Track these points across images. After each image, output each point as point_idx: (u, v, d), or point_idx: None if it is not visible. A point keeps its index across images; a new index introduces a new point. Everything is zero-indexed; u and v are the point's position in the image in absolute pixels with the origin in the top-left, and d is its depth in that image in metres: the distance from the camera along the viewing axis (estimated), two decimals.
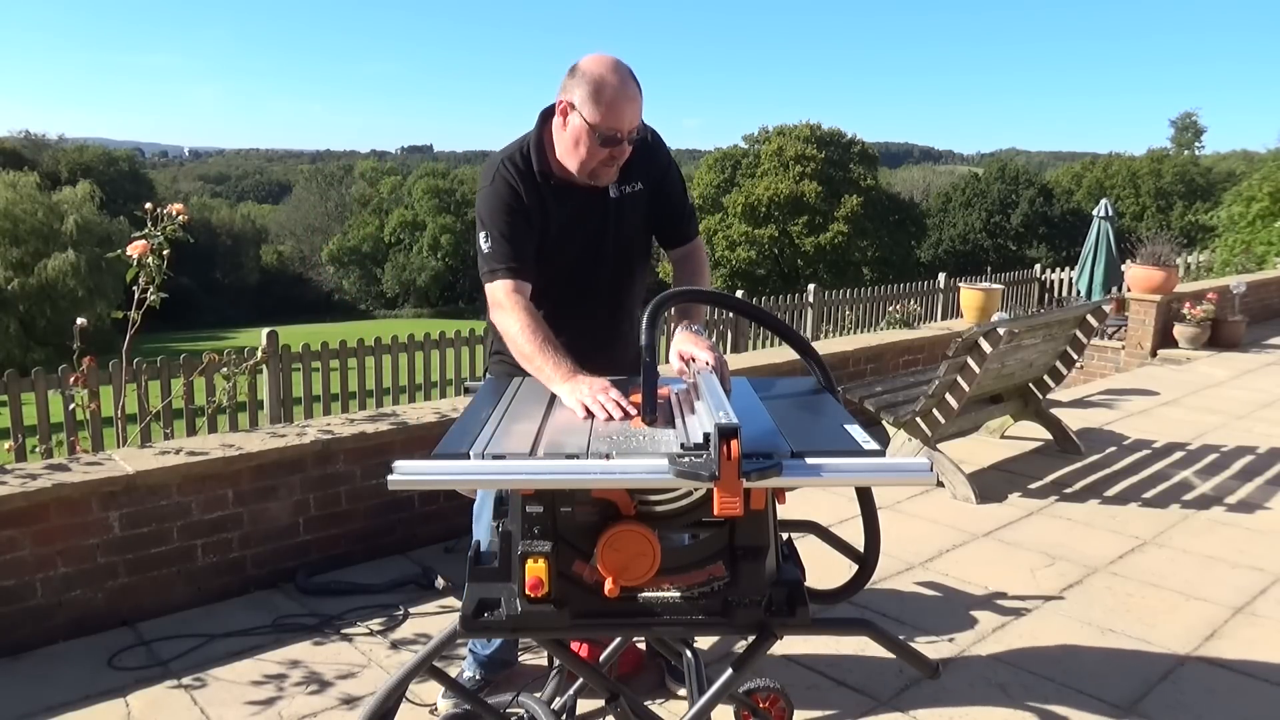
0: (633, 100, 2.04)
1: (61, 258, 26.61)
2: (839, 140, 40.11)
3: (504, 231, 2.13)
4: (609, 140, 2.05)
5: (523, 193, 2.14)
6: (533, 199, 2.15)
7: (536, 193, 2.15)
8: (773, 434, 1.56)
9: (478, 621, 1.55)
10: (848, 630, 2.61)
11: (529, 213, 2.14)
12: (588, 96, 2.02)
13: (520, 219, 2.13)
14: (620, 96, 2.02)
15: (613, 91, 2.01)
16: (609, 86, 2.01)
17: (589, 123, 2.03)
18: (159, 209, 3.67)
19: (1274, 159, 17.06)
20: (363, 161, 77.79)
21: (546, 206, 2.17)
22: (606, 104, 2.01)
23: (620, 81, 2.02)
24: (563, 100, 2.08)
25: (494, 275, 2.11)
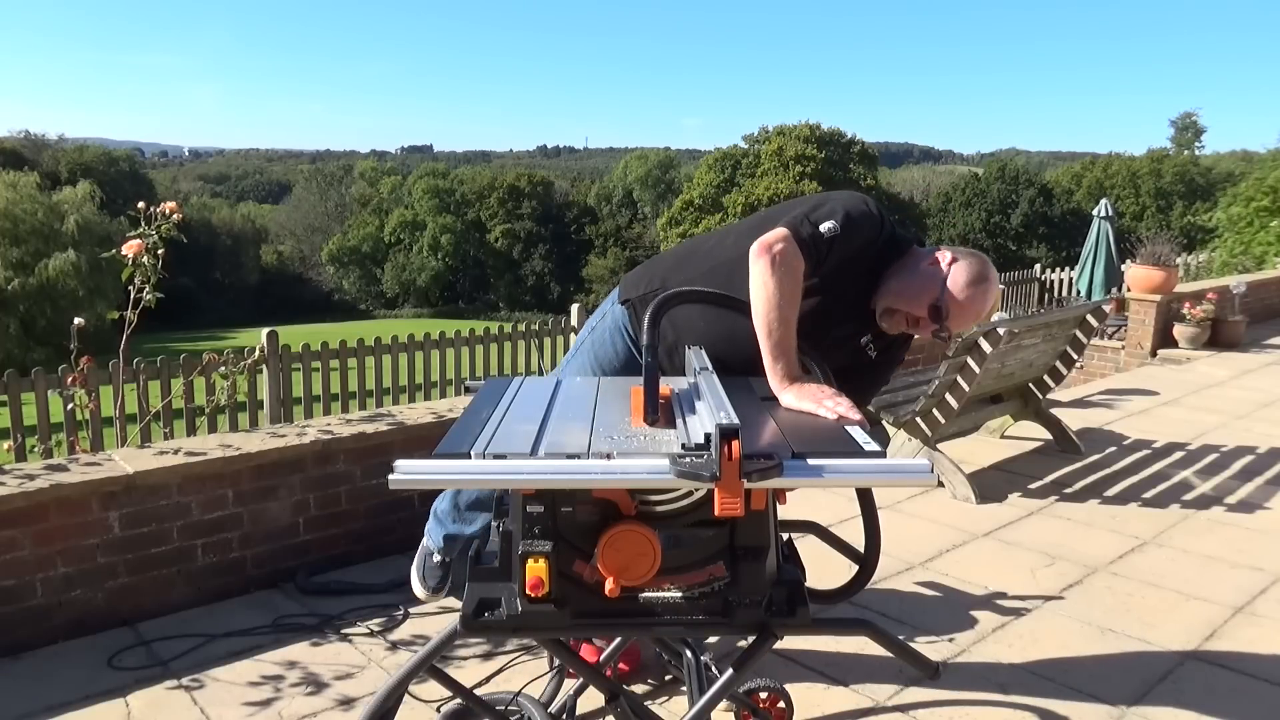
0: (978, 316, 2.04)
1: (62, 258, 26.64)
2: (839, 140, 40.16)
3: (835, 233, 1.97)
4: (937, 313, 2.00)
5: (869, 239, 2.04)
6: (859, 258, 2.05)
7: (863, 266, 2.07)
8: (774, 434, 1.56)
9: (478, 621, 1.55)
10: (848, 630, 2.62)
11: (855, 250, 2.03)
12: (966, 277, 1.99)
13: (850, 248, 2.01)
14: (979, 301, 2.01)
15: (982, 294, 2.00)
16: (985, 294, 2.01)
17: (951, 296, 1.99)
18: (152, 207, 3.64)
19: (1273, 159, 17.07)
20: (363, 161, 77.88)
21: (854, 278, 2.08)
22: (970, 296, 1.99)
23: (989, 292, 2.02)
24: (948, 256, 2.03)
25: (797, 232, 1.93)
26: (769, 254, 1.89)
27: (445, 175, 58.45)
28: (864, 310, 2.11)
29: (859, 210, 2.02)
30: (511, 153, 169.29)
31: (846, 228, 1.97)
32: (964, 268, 2.00)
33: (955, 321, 2.01)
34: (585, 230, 53.14)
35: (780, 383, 1.83)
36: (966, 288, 1.98)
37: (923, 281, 2.02)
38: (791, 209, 2.06)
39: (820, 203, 2.05)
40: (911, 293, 2.02)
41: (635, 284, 2.34)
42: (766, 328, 1.87)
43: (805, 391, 1.78)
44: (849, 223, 1.98)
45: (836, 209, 2.00)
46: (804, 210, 2.01)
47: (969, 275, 1.99)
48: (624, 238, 52.08)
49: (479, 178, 57.49)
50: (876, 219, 2.04)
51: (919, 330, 2.05)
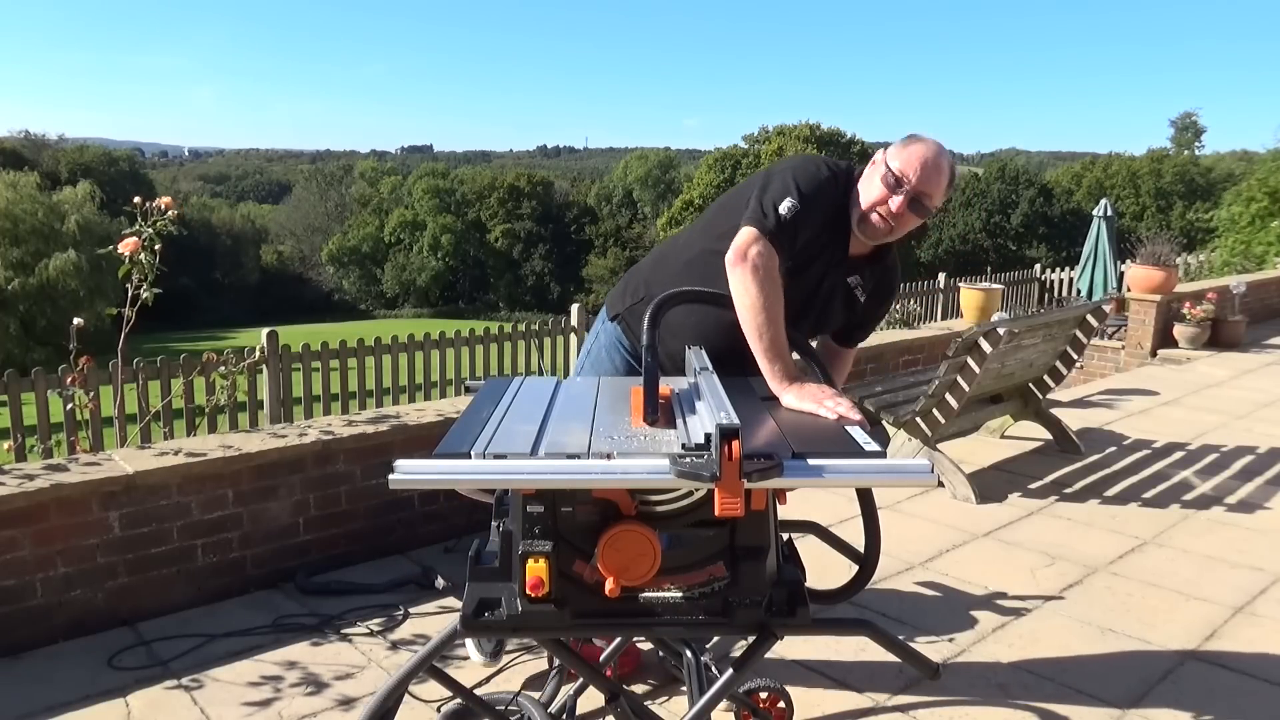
0: (938, 170, 2.08)
1: (62, 258, 26.64)
2: (839, 140, 40.19)
3: (795, 210, 2.02)
4: (894, 183, 2.06)
5: (834, 200, 2.11)
6: (831, 213, 2.12)
7: (833, 206, 2.13)
8: (774, 434, 1.56)
9: (478, 621, 1.55)
10: (848, 630, 2.62)
11: (820, 216, 2.09)
12: (903, 144, 2.10)
13: (815, 216, 2.07)
14: (928, 156, 2.07)
15: (924, 148, 2.08)
16: (923, 144, 2.09)
17: (887, 159, 2.08)
18: (147, 203, 3.61)
19: (1273, 159, 17.06)
20: (363, 161, 77.88)
21: (826, 232, 2.13)
22: (912, 152, 2.07)
23: (937, 150, 2.09)
24: (880, 151, 2.13)
25: (762, 226, 2.00)
26: (745, 262, 1.96)
27: (445, 175, 58.45)
28: (842, 254, 2.16)
29: (810, 176, 2.08)
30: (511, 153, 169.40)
31: (805, 199, 2.03)
32: (896, 144, 2.11)
33: (914, 179, 2.05)
34: (585, 230, 53.15)
35: (780, 384, 1.86)
36: (902, 148, 2.08)
37: (869, 177, 2.11)
38: (744, 196, 2.11)
39: (768, 180, 2.09)
40: (866, 192, 2.10)
41: (620, 298, 2.41)
42: (757, 332, 1.92)
43: (806, 392, 1.82)
44: (804, 194, 2.04)
45: (789, 182, 2.05)
46: (758, 195, 2.05)
47: (900, 142, 2.10)
48: (624, 238, 52.07)
49: (479, 178, 57.51)
50: (830, 177, 2.10)
51: (898, 221, 2.09)
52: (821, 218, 2.09)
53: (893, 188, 2.06)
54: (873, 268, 2.23)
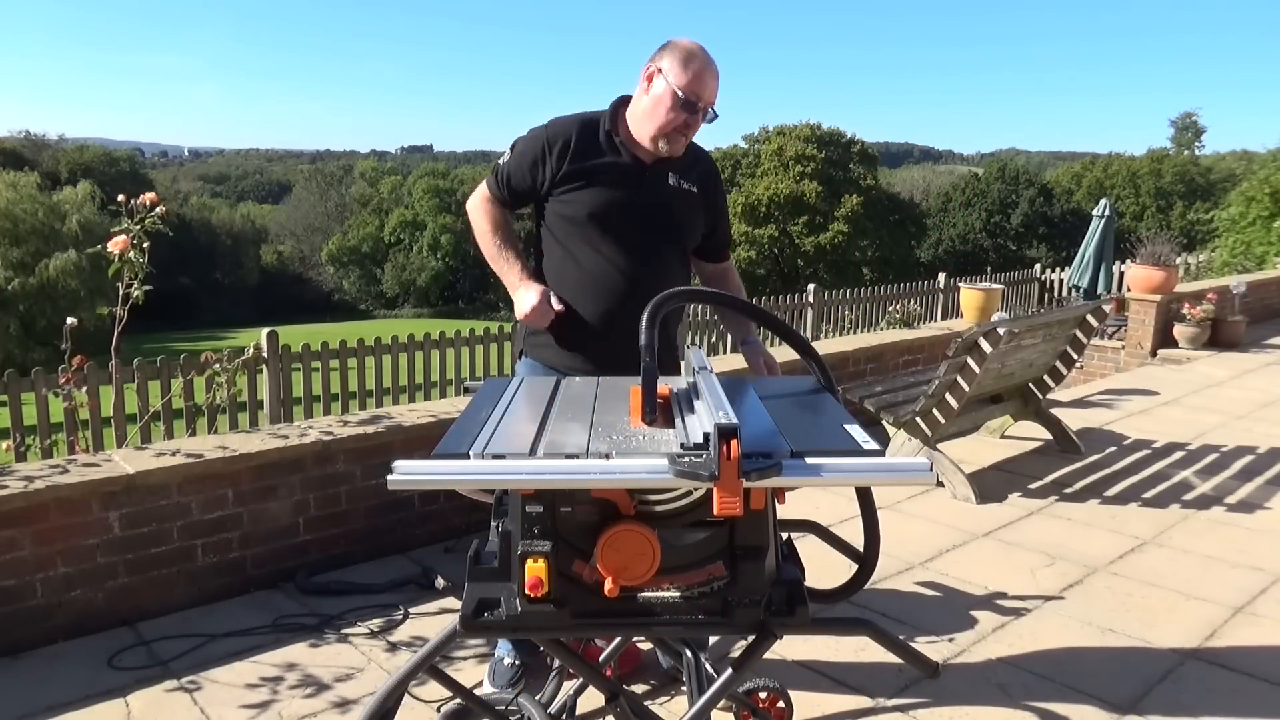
0: (715, 75, 2.27)
1: (63, 258, 26.62)
2: (839, 140, 40.12)
3: (516, 162, 2.37)
4: (688, 105, 2.23)
5: (574, 139, 2.30)
6: (588, 144, 2.31)
7: (594, 144, 2.32)
8: (772, 434, 1.55)
9: (478, 621, 1.55)
10: (848, 630, 2.62)
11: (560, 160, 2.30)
12: (677, 62, 2.23)
13: (537, 166, 2.33)
14: (706, 68, 2.24)
15: (700, 63, 2.24)
16: (697, 58, 2.24)
17: (673, 85, 2.22)
18: (132, 200, 3.56)
19: (1273, 159, 17.06)
20: (363, 161, 77.85)
21: (600, 159, 2.31)
22: (694, 72, 2.23)
23: (706, 57, 2.26)
24: (650, 66, 2.28)
25: (487, 183, 2.44)
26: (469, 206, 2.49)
27: (445, 175, 58.42)
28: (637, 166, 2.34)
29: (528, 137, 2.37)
30: None
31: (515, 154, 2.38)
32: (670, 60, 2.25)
33: (704, 95, 2.25)
34: None
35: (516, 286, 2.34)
36: (686, 69, 2.23)
37: (655, 97, 2.26)
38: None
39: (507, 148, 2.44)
40: (659, 110, 2.26)
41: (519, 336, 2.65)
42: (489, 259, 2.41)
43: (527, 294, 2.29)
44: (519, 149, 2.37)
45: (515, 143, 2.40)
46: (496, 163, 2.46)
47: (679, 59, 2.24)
48: None
49: (479, 178, 57.30)
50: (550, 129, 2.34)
51: (690, 129, 2.29)
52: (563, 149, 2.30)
53: (688, 108, 2.24)
54: (678, 161, 2.37)
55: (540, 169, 2.33)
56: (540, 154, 2.33)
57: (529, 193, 2.38)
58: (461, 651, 2.72)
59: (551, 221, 2.38)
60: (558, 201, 2.35)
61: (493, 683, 2.55)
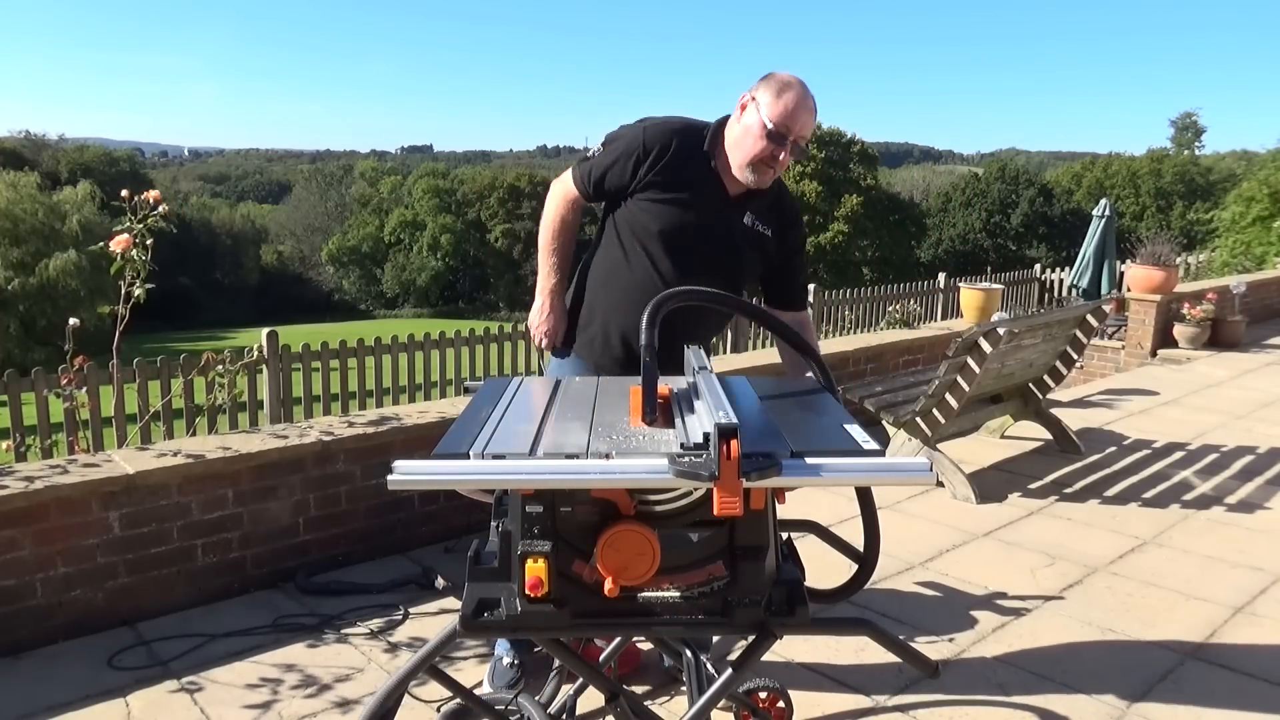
0: (809, 111, 2.24)
1: (63, 258, 26.63)
2: (839, 140, 40.16)
3: (611, 162, 2.33)
4: (777, 136, 2.21)
5: (673, 150, 2.28)
6: (683, 160, 2.29)
7: (689, 160, 2.30)
8: (773, 434, 1.55)
9: (478, 621, 1.55)
10: (848, 630, 2.61)
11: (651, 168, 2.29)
12: (771, 93, 2.22)
13: (629, 168, 2.30)
14: (800, 103, 2.22)
15: (794, 95, 2.22)
16: (791, 90, 2.22)
17: (764, 116, 2.21)
18: (134, 198, 3.54)
19: (1273, 159, 17.06)
20: (363, 161, 77.90)
21: (688, 178, 2.30)
22: (785, 104, 2.21)
23: (803, 91, 2.23)
24: (746, 95, 2.27)
25: (572, 172, 2.42)
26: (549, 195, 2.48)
27: (445, 175, 58.42)
28: (726, 200, 2.33)
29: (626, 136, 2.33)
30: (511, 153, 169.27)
31: (610, 153, 2.34)
32: (765, 90, 2.24)
33: (794, 128, 2.22)
34: (585, 230, 53.00)
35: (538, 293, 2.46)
36: (779, 99, 2.21)
37: (745, 126, 2.25)
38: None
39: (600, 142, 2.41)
40: (748, 140, 2.25)
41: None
42: (539, 248, 2.47)
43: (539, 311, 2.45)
44: (614, 148, 2.33)
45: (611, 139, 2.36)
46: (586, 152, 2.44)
47: (773, 90, 2.23)
48: None
49: (479, 178, 57.46)
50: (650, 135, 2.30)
51: (779, 161, 2.26)
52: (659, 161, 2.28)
53: (777, 139, 2.22)
54: (760, 203, 2.36)
55: (632, 171, 2.31)
56: (635, 158, 2.30)
57: (618, 192, 2.36)
58: (461, 651, 2.72)
59: (621, 221, 2.37)
60: (635, 205, 2.33)
61: (492, 683, 2.55)
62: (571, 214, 2.45)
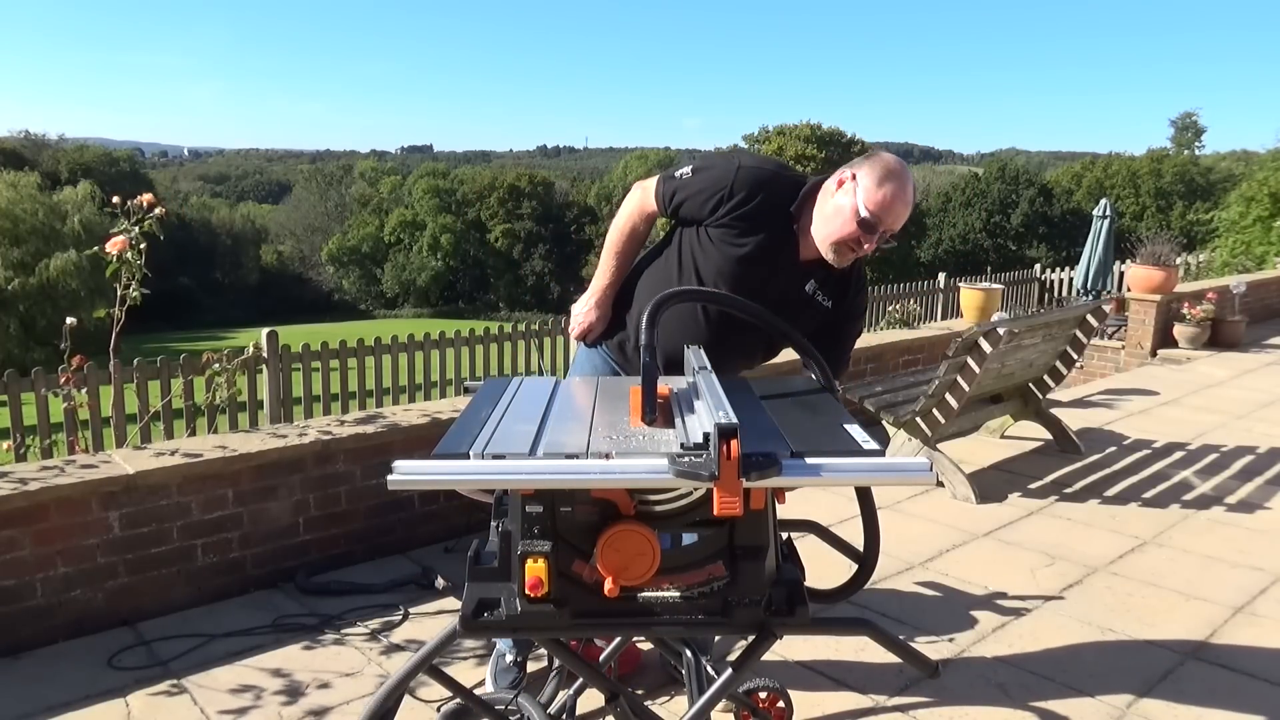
0: (906, 205, 2.14)
1: (63, 258, 26.62)
2: (839, 140, 40.17)
3: (695, 192, 2.25)
4: (868, 225, 2.11)
5: (759, 201, 2.20)
6: (767, 212, 2.21)
7: (771, 215, 2.22)
8: (773, 434, 1.55)
9: (478, 621, 1.55)
10: (848, 630, 2.60)
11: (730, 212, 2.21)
12: (873, 179, 2.11)
13: (709, 205, 2.23)
14: (899, 196, 2.11)
15: (895, 186, 2.11)
16: (894, 180, 2.11)
17: (860, 201, 2.11)
18: (128, 202, 3.56)
19: (1273, 159, 17.06)
20: (363, 161, 77.93)
21: (764, 231, 2.21)
22: (885, 194, 2.10)
23: (904, 182, 2.12)
24: (845, 171, 2.17)
25: (655, 186, 2.35)
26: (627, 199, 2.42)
27: (445, 175, 58.44)
28: (792, 254, 2.25)
29: (719, 170, 2.25)
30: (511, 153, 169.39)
31: (696, 179, 2.26)
32: (868, 173, 2.13)
33: (887, 221, 2.12)
34: (585, 230, 53.10)
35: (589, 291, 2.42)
36: (879, 188, 2.10)
37: (838, 205, 2.15)
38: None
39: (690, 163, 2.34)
40: (838, 220, 2.15)
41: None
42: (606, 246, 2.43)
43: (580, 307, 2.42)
44: (702, 178, 2.26)
45: (702, 166, 2.30)
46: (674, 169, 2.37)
47: (876, 176, 2.11)
48: None
49: (479, 178, 57.48)
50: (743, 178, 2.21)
51: (864, 250, 2.17)
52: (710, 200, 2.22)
53: (867, 228, 2.12)
54: (829, 274, 2.27)
55: (712, 209, 2.24)
56: (720, 197, 2.23)
57: (692, 220, 2.30)
58: (461, 651, 2.72)
59: (686, 243, 2.31)
60: (705, 235, 2.27)
61: (494, 683, 2.55)
62: (644, 225, 2.40)
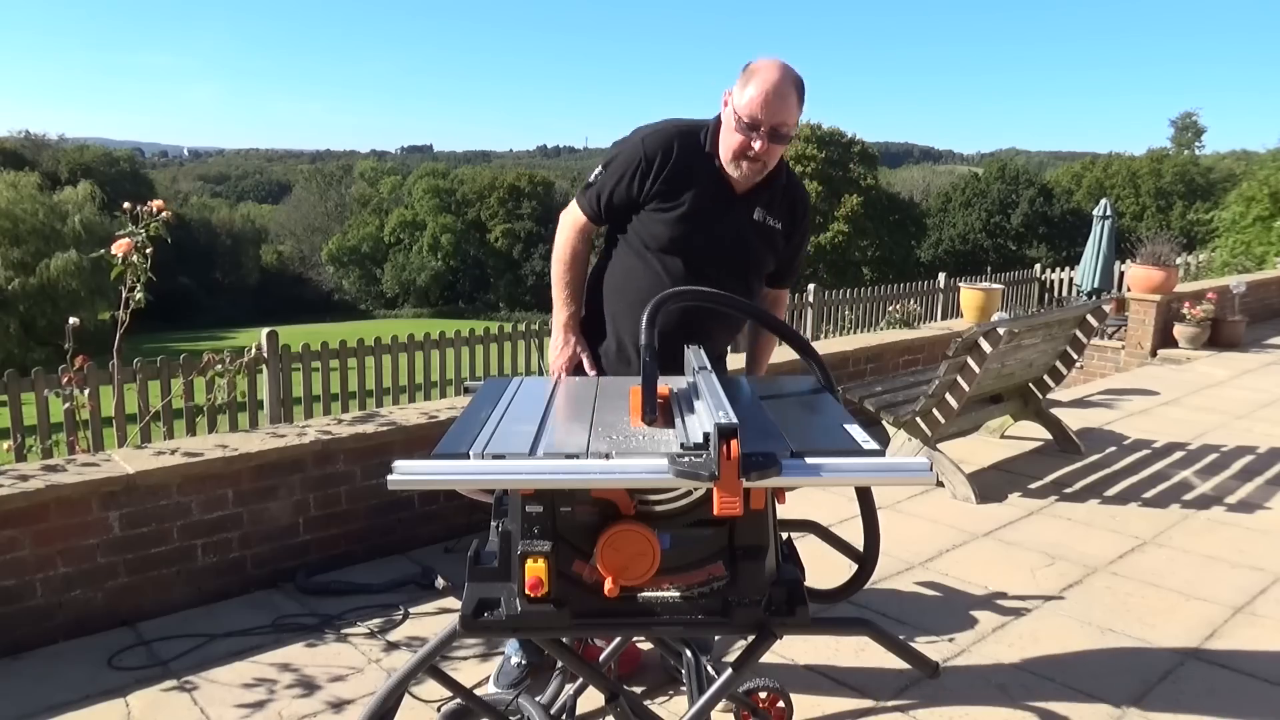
0: (782, 98, 2.15)
1: (63, 258, 26.60)
2: (839, 140, 40.15)
3: (616, 180, 2.30)
4: (748, 128, 2.16)
5: (675, 156, 2.25)
6: (686, 164, 2.26)
7: (692, 163, 2.26)
8: (773, 433, 1.55)
9: (478, 621, 1.55)
10: (848, 630, 2.61)
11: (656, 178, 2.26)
12: (740, 83, 2.17)
13: (634, 181, 2.28)
14: (771, 91, 2.14)
15: (760, 82, 2.14)
16: (757, 76, 2.15)
17: (734, 106, 2.17)
18: (137, 207, 3.59)
19: (1273, 159, 17.05)
20: (363, 161, 77.94)
21: (693, 180, 2.27)
22: (752, 93, 2.14)
23: (778, 78, 2.14)
24: (726, 93, 2.23)
25: (578, 202, 2.40)
26: (559, 226, 2.43)
27: (445, 175, 58.40)
28: (728, 192, 2.28)
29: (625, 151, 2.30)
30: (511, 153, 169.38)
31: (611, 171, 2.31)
32: (739, 81, 2.19)
33: (764, 117, 2.14)
34: None
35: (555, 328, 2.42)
36: (744, 90, 2.16)
37: (724, 123, 2.23)
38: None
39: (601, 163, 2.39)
40: (726, 135, 2.22)
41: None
42: (553, 282, 2.44)
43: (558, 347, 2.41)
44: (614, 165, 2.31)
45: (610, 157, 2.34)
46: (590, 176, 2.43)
47: (742, 80, 2.18)
48: None
49: (479, 178, 57.46)
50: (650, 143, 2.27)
51: (760, 154, 2.19)
52: (662, 168, 2.24)
53: (748, 131, 2.16)
54: (769, 192, 2.32)
55: (639, 184, 2.28)
56: (640, 171, 2.27)
57: (629, 207, 2.33)
58: (461, 651, 2.72)
59: (631, 233, 2.35)
60: (644, 216, 2.31)
61: (496, 683, 2.55)
62: (582, 244, 2.41)
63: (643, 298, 2.29)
